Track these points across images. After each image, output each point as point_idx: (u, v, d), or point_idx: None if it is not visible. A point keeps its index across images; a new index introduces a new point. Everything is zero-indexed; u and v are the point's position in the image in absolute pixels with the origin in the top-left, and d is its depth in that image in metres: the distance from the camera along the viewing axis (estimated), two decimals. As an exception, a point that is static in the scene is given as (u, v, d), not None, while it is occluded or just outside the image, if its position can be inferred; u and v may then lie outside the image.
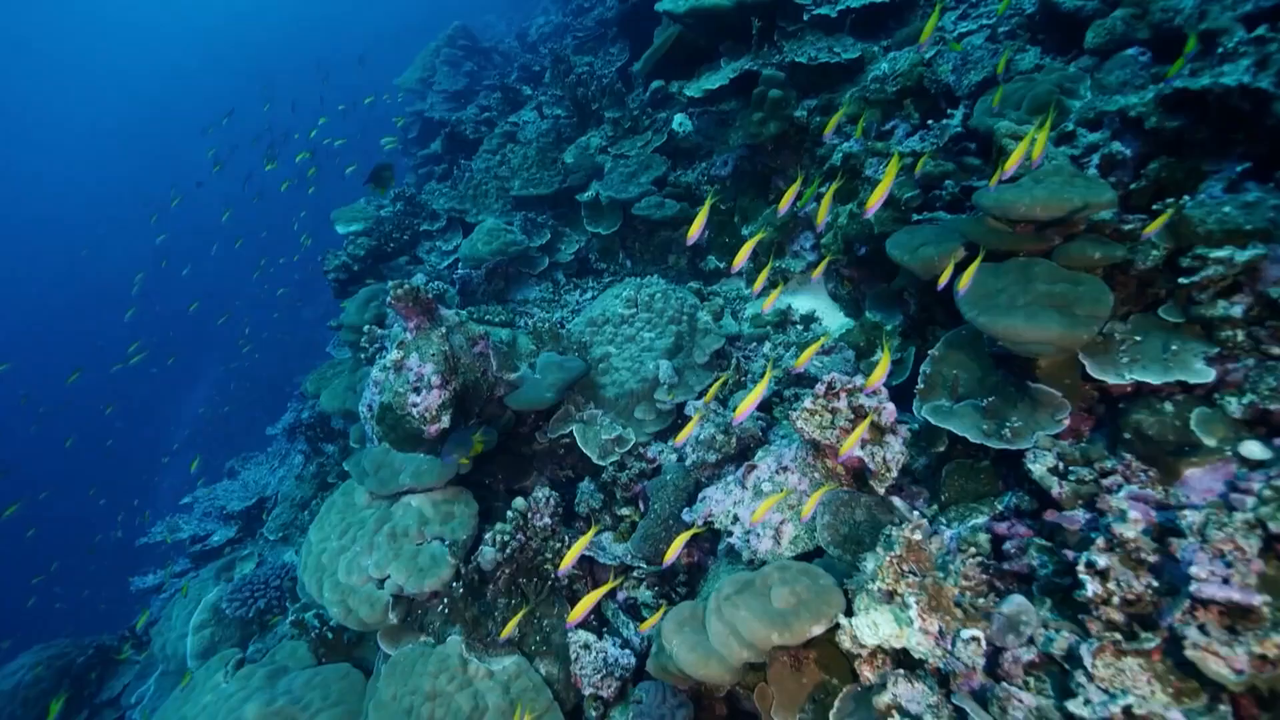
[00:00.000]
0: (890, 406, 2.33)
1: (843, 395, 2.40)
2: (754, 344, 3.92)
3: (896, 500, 2.29)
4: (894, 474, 2.28)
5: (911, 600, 1.69)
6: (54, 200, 30.58)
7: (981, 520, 2.14)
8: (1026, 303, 2.05)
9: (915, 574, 1.77)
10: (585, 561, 2.98)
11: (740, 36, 4.21)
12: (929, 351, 2.69)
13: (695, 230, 2.39)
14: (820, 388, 2.42)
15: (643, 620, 2.85)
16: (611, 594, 2.98)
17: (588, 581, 2.96)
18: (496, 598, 2.84)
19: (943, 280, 2.10)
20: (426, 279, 4.52)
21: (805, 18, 3.83)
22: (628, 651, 2.64)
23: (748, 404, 2.18)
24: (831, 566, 2.19)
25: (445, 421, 2.98)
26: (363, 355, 3.63)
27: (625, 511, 3.29)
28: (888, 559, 1.78)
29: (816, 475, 2.54)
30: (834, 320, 4.03)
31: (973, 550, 1.81)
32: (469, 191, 5.48)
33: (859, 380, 2.40)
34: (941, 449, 2.57)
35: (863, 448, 2.33)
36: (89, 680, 4.81)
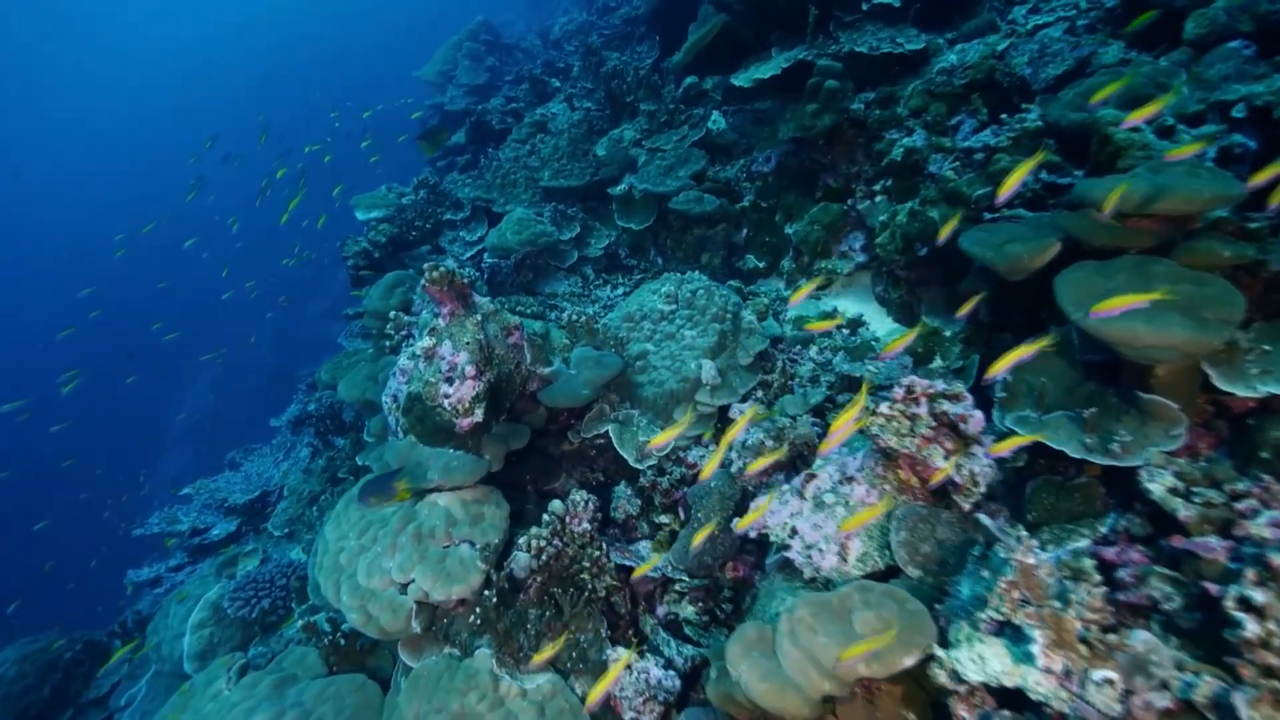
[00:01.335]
0: (978, 415, 2.12)
1: (923, 400, 2.19)
2: (798, 346, 3.72)
3: (984, 518, 2.07)
4: (982, 489, 2.07)
5: (1035, 634, 1.47)
6: (55, 201, 30.34)
7: (1083, 544, 1.93)
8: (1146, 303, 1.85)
9: (1031, 603, 1.56)
10: (623, 574, 2.76)
11: (792, 26, 4.04)
12: (1008, 358, 2.48)
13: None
14: (899, 391, 2.21)
15: (686, 637, 2.63)
16: (652, 610, 2.76)
17: (625, 594, 2.74)
18: (527, 608, 2.62)
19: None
20: (457, 266, 4.32)
21: (865, 7, 3.66)
22: (671, 673, 2.42)
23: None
24: (912, 589, 1.98)
25: (479, 415, 2.77)
26: (387, 343, 3.42)
27: (664, 519, 3.08)
28: (1002, 585, 1.56)
29: (887, 487, 2.33)
30: (882, 325, 3.83)
31: (1096, 579, 1.60)
32: (496, 181, 5.30)
33: (941, 384, 2.19)
34: (1020, 463, 2.37)
35: (946, 459, 2.12)
36: (76, 677, 4.57)
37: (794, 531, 2.45)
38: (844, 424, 1.97)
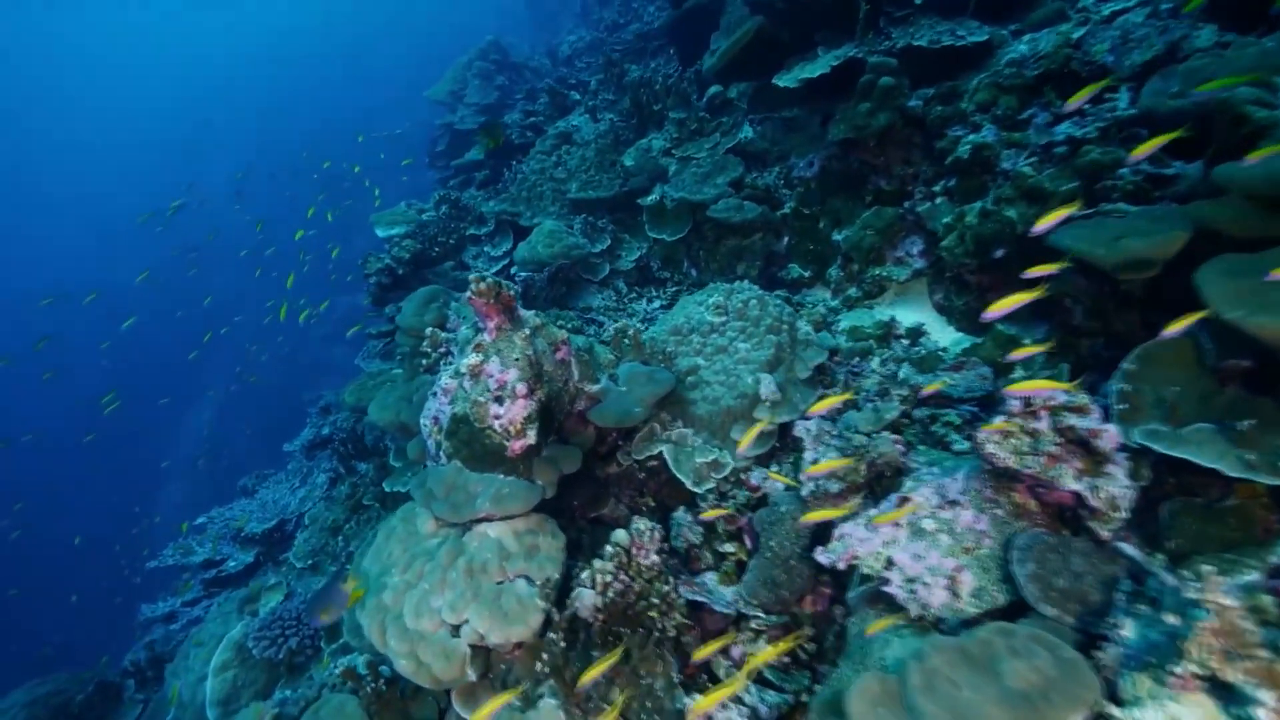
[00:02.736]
0: (1111, 429, 1.89)
1: (1044, 414, 1.96)
2: (856, 359, 3.49)
3: (1127, 548, 1.83)
4: (1124, 514, 1.83)
5: (1262, 695, 1.22)
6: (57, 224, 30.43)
7: (1253, 577, 1.68)
8: (1319, 299, 1.62)
9: (1238, 655, 1.31)
10: (692, 609, 2.50)
11: (837, 25, 3.87)
12: (1122, 365, 2.25)
13: None
14: (1015, 404, 1.98)
15: (768, 681, 2.37)
16: (724, 650, 2.50)
17: (697, 633, 2.49)
18: (589, 650, 2.37)
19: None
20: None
21: (918, 1, 3.49)
22: (758, 724, 2.16)
23: None
24: (1054, 631, 1.73)
25: (531, 436, 2.55)
26: (423, 362, 3.21)
27: (729, 548, 2.82)
28: (1202, 632, 1.31)
29: (999, 512, 2.08)
30: (944, 335, 3.60)
31: (1314, 622, 1.35)
32: (522, 193, 5.12)
33: (1063, 396, 1.96)
34: (1144, 483, 2.12)
35: (1078, 480, 1.88)
36: (87, 722, 4.29)
37: (890, 562, 2.20)
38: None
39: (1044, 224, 2.20)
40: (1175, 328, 1.86)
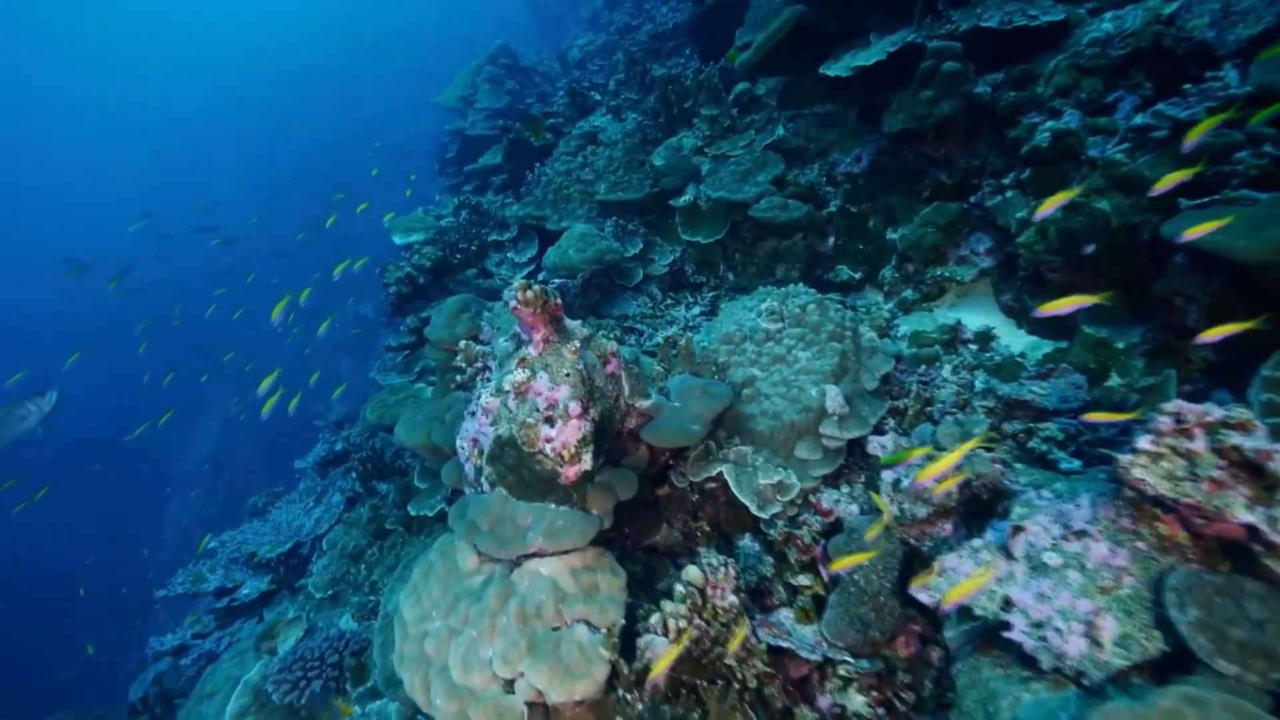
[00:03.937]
0: (1286, 449, 1.61)
1: (1198, 433, 1.68)
2: (921, 366, 3.23)
3: (1317, 590, 1.55)
4: (1311, 550, 1.55)
5: None
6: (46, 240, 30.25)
7: None
8: None
9: None
10: (772, 654, 2.23)
11: (888, 9, 3.62)
12: (1262, 372, 1.98)
13: None
14: (1165, 422, 1.71)
15: (864, 740, 2.09)
16: (810, 701, 2.22)
17: (778, 681, 2.21)
18: (657, 706, 2.09)
19: None
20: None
21: (983, -20, 3.25)
22: (862, 793, 1.88)
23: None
24: (1239, 694, 1.45)
25: (586, 461, 2.28)
26: (455, 377, 2.95)
27: (803, 580, 2.55)
28: None
29: (1141, 545, 1.81)
30: (1014, 339, 3.33)
31: None
32: (548, 196, 4.88)
33: (1220, 411, 1.69)
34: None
35: (1251, 510, 1.61)
36: (95, 766, 4.02)
37: (1008, 603, 1.93)
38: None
39: (1051, 309, 2.13)
40: None
